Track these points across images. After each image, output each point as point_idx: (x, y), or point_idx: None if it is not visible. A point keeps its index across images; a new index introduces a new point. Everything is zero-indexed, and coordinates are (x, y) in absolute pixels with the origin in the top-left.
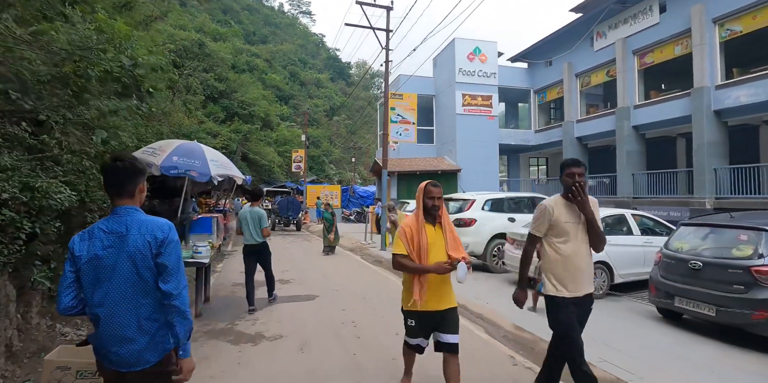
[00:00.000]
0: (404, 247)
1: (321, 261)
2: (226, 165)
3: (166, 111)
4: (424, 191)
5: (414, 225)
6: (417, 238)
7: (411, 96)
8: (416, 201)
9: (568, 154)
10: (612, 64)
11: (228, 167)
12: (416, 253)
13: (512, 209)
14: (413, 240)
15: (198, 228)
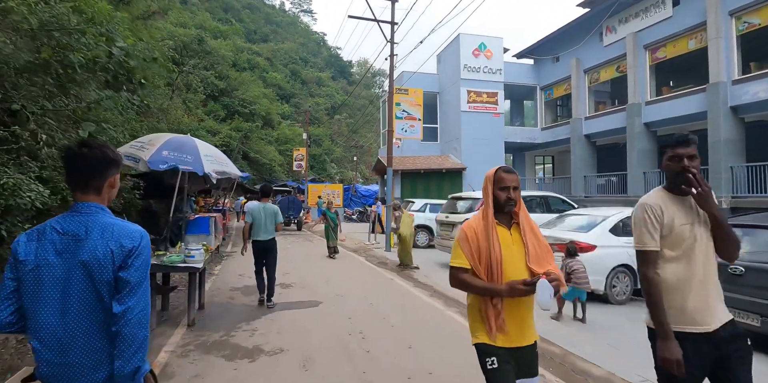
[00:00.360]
0: (466, 258)
1: (324, 263)
2: (222, 161)
3: (164, 108)
4: (494, 179)
5: (480, 227)
6: (486, 246)
7: (417, 91)
8: (483, 194)
9: (576, 152)
10: (622, 59)
11: (224, 163)
12: (484, 267)
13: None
14: (480, 249)
15: (195, 229)
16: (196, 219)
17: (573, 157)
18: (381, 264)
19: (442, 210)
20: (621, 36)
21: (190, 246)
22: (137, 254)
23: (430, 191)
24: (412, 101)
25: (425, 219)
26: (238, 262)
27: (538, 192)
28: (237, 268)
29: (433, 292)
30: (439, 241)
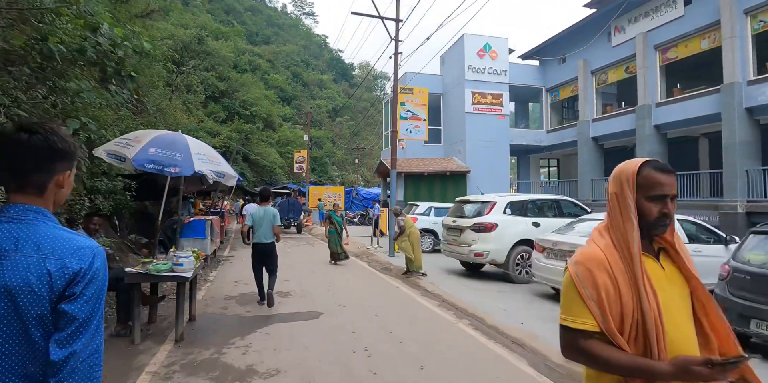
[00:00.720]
0: (593, 316)
1: (325, 269)
2: (215, 160)
3: (161, 108)
4: (642, 182)
5: (617, 262)
6: (631, 295)
7: (422, 90)
8: (612, 204)
9: (583, 155)
10: (632, 59)
11: (217, 162)
12: (631, 330)
13: (536, 213)
14: (621, 300)
15: (190, 233)
16: (192, 223)
17: (580, 159)
18: (385, 270)
19: (448, 214)
20: (630, 36)
21: (179, 253)
22: (88, 279)
23: (433, 194)
24: (417, 101)
25: (430, 223)
26: (236, 268)
27: (549, 196)
28: (234, 274)
29: (441, 302)
30: (445, 247)
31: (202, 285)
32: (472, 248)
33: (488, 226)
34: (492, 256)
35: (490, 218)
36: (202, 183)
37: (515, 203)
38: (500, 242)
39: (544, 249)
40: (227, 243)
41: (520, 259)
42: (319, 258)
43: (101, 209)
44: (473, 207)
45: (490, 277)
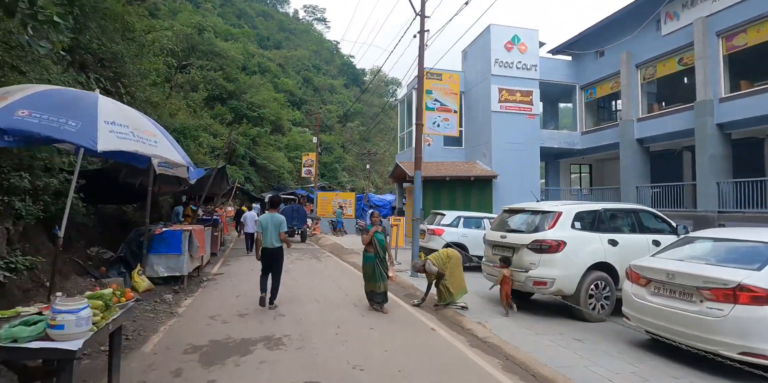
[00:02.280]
0: None
1: (335, 295)
2: (149, 137)
3: (153, 101)
4: None
5: None
6: None
7: (452, 76)
8: None
9: (626, 159)
10: (687, 49)
11: (152, 142)
12: None
13: (611, 227)
14: None
15: (161, 247)
16: (164, 234)
17: (622, 164)
18: (409, 296)
19: (493, 227)
20: (686, 22)
21: (63, 303)
22: None
23: (455, 201)
24: (447, 89)
25: (459, 236)
26: (220, 292)
27: (624, 205)
28: (213, 304)
29: (505, 361)
30: (491, 269)
31: (164, 322)
32: (532, 274)
33: (553, 245)
34: (559, 285)
35: (555, 234)
36: (179, 182)
37: (586, 214)
38: (569, 266)
39: (650, 281)
40: (221, 255)
41: (594, 289)
42: (329, 278)
43: (23, 215)
44: (528, 218)
45: (547, 309)
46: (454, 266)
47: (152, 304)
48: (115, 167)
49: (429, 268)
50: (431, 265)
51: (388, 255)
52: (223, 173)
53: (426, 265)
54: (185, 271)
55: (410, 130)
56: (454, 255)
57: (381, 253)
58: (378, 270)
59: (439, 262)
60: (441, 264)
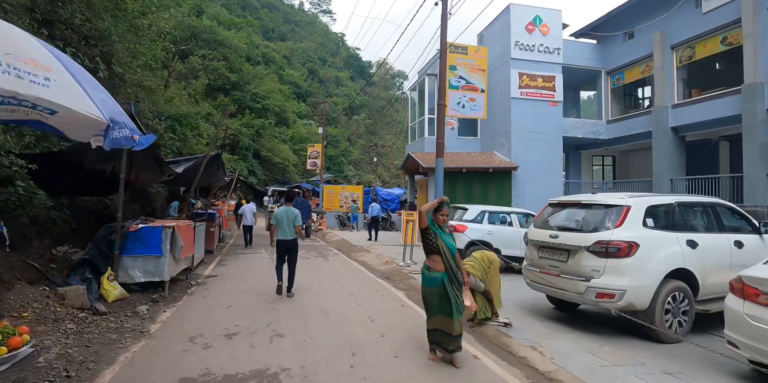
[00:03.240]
0: None
1: (346, 305)
2: (27, 65)
3: (144, 84)
4: None
5: None
6: None
7: (479, 50)
8: None
9: (659, 149)
10: (732, 27)
11: (28, 73)
12: None
13: (689, 226)
14: None
15: (138, 247)
16: (140, 231)
17: (656, 155)
18: None
19: (538, 225)
20: None
21: None
22: None
23: (472, 195)
24: (473, 64)
25: (483, 233)
26: (209, 301)
27: (700, 198)
28: (198, 317)
29: None
30: (535, 276)
31: (128, 347)
32: (595, 284)
33: (624, 248)
34: (630, 298)
35: (625, 233)
36: (161, 169)
37: (659, 208)
38: (643, 274)
39: (759, 294)
40: (218, 253)
41: (671, 302)
42: (336, 283)
43: None
44: (587, 214)
45: (602, 323)
46: (494, 273)
47: (120, 319)
48: (77, 149)
49: (475, 285)
50: (477, 281)
51: (461, 271)
52: (217, 162)
53: (471, 281)
54: (166, 276)
55: (422, 119)
56: (494, 259)
57: (453, 268)
58: (452, 298)
59: (481, 271)
60: (483, 271)
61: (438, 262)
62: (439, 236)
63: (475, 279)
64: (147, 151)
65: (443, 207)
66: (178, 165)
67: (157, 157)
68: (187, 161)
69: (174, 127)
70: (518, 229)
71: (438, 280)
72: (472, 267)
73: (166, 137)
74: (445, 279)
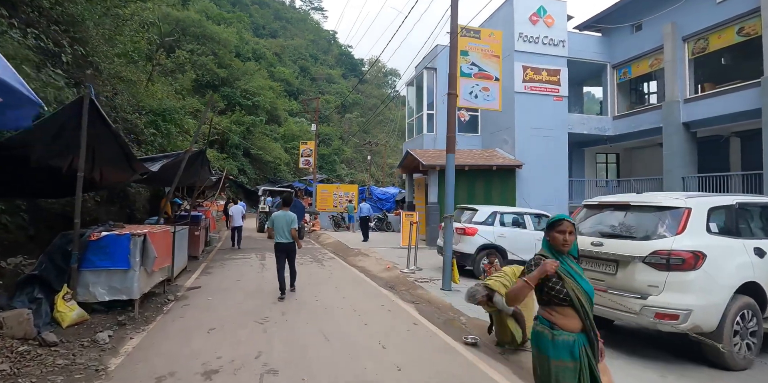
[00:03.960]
0: None
1: (349, 325)
2: None
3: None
4: None
5: None
6: None
7: (493, 34)
8: None
9: (670, 146)
10: (750, 17)
11: None
12: None
13: (752, 230)
14: None
15: (101, 259)
16: (103, 240)
17: (666, 152)
18: (450, 324)
19: (582, 230)
20: None
21: None
22: None
23: (474, 194)
24: (486, 50)
25: (495, 237)
26: (187, 323)
27: (759, 198)
28: (171, 347)
29: None
30: None
31: None
32: (654, 302)
33: (688, 259)
34: (696, 319)
35: (689, 241)
36: (131, 166)
37: (721, 211)
38: (711, 290)
39: None
40: (204, 258)
41: (739, 322)
42: (335, 295)
43: None
44: (637, 218)
45: (647, 343)
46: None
47: (73, 353)
48: (23, 142)
49: (500, 305)
50: (502, 300)
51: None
52: (201, 159)
53: (495, 300)
54: (136, 293)
55: (420, 114)
56: None
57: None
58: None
59: (504, 280)
60: (498, 283)
61: (570, 317)
62: (567, 276)
63: (502, 298)
64: (113, 143)
65: (562, 221)
66: (154, 162)
67: (126, 150)
68: (165, 158)
69: (156, 122)
70: (532, 232)
71: (573, 348)
72: (500, 284)
73: (147, 133)
74: (586, 344)
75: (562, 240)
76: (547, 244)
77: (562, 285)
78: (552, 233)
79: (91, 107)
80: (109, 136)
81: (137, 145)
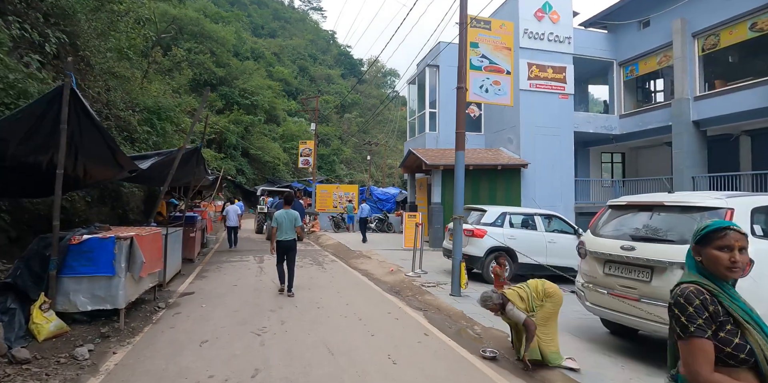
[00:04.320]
0: None
1: (355, 337)
2: None
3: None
4: None
5: None
6: None
7: (505, 25)
8: None
9: (680, 145)
10: (763, 12)
11: None
12: None
13: None
14: None
15: (82, 265)
16: (85, 244)
17: (676, 151)
18: (463, 334)
19: (599, 231)
20: None
21: None
22: None
23: (479, 194)
24: (497, 42)
25: (505, 238)
26: (177, 334)
27: None
28: (158, 365)
29: None
30: (600, 297)
31: None
32: None
33: None
34: None
35: None
36: (118, 162)
37: (764, 211)
38: (761, 300)
39: None
40: (200, 261)
41: None
42: (338, 301)
43: None
44: (671, 220)
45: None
46: (552, 309)
47: (47, 372)
48: None
49: (514, 315)
50: (516, 311)
51: None
52: (196, 157)
53: (508, 309)
54: (121, 302)
55: (422, 113)
56: (554, 293)
57: None
58: None
59: (530, 302)
60: (531, 304)
61: None
62: (748, 323)
63: (515, 310)
64: (97, 136)
65: (726, 232)
66: (145, 159)
67: (112, 145)
68: (158, 155)
69: (151, 120)
70: (543, 233)
71: None
72: (516, 295)
73: (140, 130)
74: None
75: (728, 261)
76: (697, 267)
77: (741, 336)
78: (708, 250)
79: (73, 98)
80: (93, 130)
81: (131, 143)
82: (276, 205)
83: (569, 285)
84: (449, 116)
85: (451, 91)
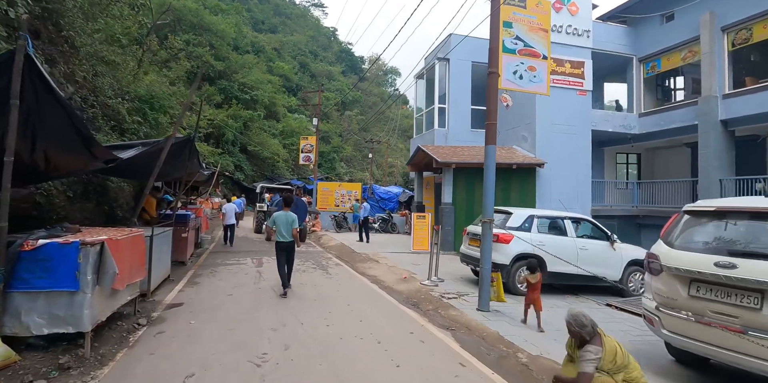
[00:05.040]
0: None
1: (373, 363)
2: None
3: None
4: None
5: None
6: None
7: (542, 4)
8: None
9: (707, 145)
10: None
11: None
12: None
13: None
14: None
15: (37, 277)
16: (41, 251)
17: (702, 152)
18: (507, 364)
19: (680, 243)
20: None
21: None
22: None
23: None
24: (533, 22)
25: (533, 245)
26: (158, 362)
27: None
28: None
29: None
30: (686, 326)
31: None
32: None
33: None
34: None
35: None
36: (90, 150)
37: None
38: None
39: None
40: (193, 264)
41: None
42: (348, 315)
43: None
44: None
45: None
46: None
47: None
48: None
49: (582, 360)
50: (590, 360)
51: None
52: (189, 149)
53: (586, 350)
54: (87, 324)
55: (431, 108)
56: (635, 367)
57: None
58: None
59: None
60: (613, 368)
61: None
62: None
63: (594, 356)
64: (62, 117)
65: None
66: (127, 149)
67: (82, 129)
68: (143, 145)
69: (143, 109)
70: (574, 239)
71: None
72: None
73: (129, 120)
74: None
75: None
76: None
77: None
78: None
79: (29, 66)
80: (56, 109)
81: (119, 133)
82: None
83: (600, 296)
84: (459, 112)
85: (463, 85)
